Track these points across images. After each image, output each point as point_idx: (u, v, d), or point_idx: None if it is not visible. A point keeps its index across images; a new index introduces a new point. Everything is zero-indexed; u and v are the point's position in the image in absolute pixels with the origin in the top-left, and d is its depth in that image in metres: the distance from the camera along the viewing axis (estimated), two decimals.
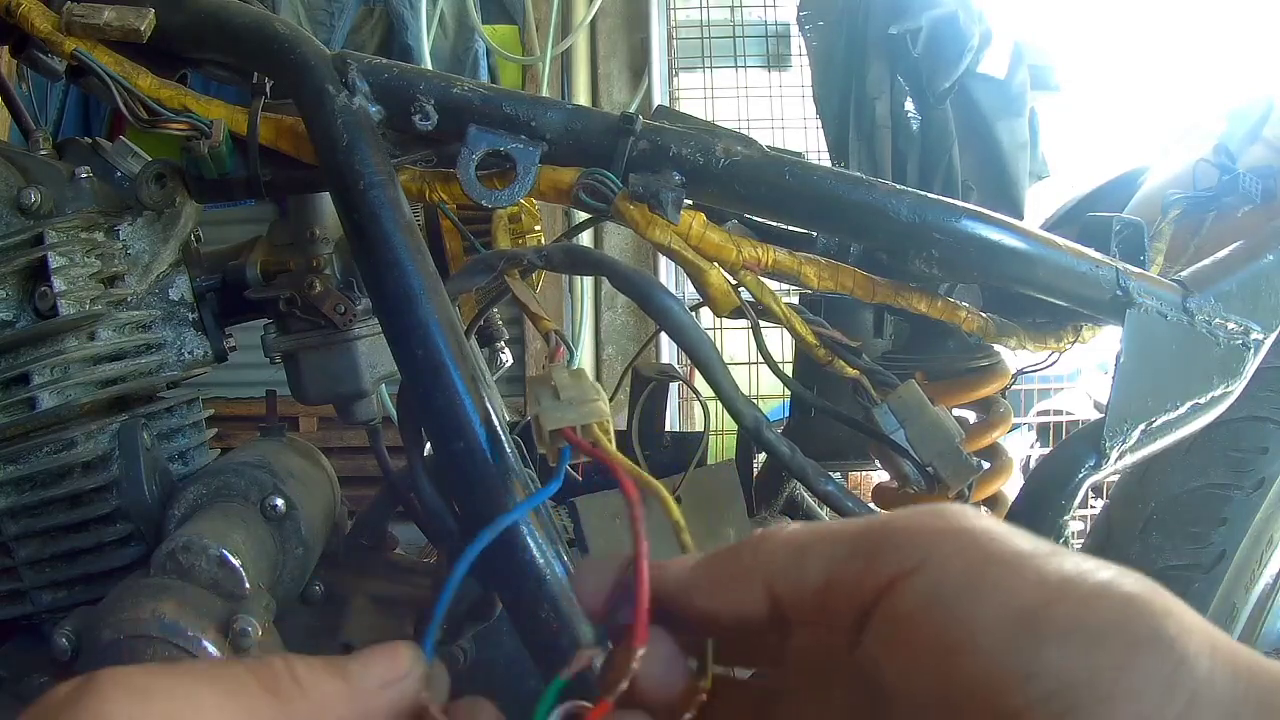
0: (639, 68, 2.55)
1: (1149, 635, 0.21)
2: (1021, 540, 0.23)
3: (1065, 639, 0.21)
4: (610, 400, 0.32)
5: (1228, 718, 0.20)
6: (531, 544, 0.54)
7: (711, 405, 0.78)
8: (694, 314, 0.71)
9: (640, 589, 0.28)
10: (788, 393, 0.95)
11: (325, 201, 0.83)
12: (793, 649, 0.30)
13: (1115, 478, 1.01)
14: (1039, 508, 0.71)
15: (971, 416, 0.89)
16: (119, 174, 0.78)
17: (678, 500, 0.80)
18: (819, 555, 0.25)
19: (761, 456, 1.08)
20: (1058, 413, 2.58)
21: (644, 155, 0.67)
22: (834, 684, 0.29)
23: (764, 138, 0.72)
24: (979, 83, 1.05)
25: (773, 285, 0.72)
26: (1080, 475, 0.70)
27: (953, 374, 0.87)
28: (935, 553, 0.23)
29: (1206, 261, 0.78)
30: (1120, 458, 0.71)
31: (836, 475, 0.72)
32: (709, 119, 0.90)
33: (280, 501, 0.73)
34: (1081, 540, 1.09)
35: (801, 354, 0.91)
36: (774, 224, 0.78)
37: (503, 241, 0.84)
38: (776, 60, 2.53)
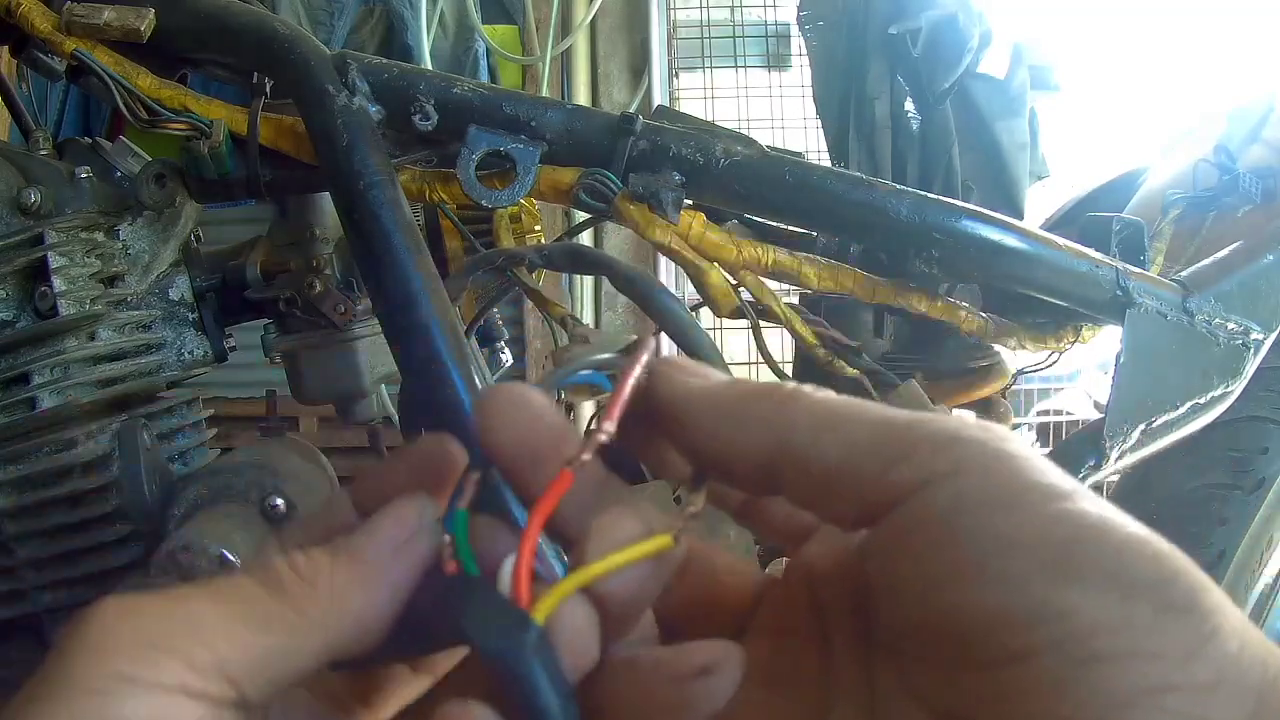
0: (639, 68, 2.55)
1: (1184, 603, 0.19)
2: (1056, 473, 0.21)
3: (1098, 584, 0.19)
4: None
5: (1249, 704, 0.19)
6: None
7: None
8: (694, 314, 0.71)
9: (626, 377, 0.25)
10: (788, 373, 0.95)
11: (325, 201, 0.83)
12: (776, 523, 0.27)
13: (1115, 478, 1.01)
14: None
15: (972, 416, 0.89)
16: (119, 174, 0.78)
17: (677, 500, 0.81)
18: (841, 435, 0.22)
19: None
20: (1058, 413, 2.58)
21: (644, 155, 0.67)
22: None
23: (764, 138, 0.72)
24: (979, 83, 1.05)
25: (773, 285, 0.72)
26: (1080, 475, 0.70)
27: (953, 374, 0.87)
28: (968, 464, 0.21)
29: (1206, 261, 0.78)
30: (1120, 458, 0.71)
31: None
32: (709, 119, 0.90)
33: (280, 501, 0.73)
34: None
35: (801, 354, 0.91)
36: (774, 224, 0.78)
37: (506, 242, 0.84)
38: (776, 60, 2.53)
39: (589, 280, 2.48)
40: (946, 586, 0.20)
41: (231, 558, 0.65)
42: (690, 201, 0.69)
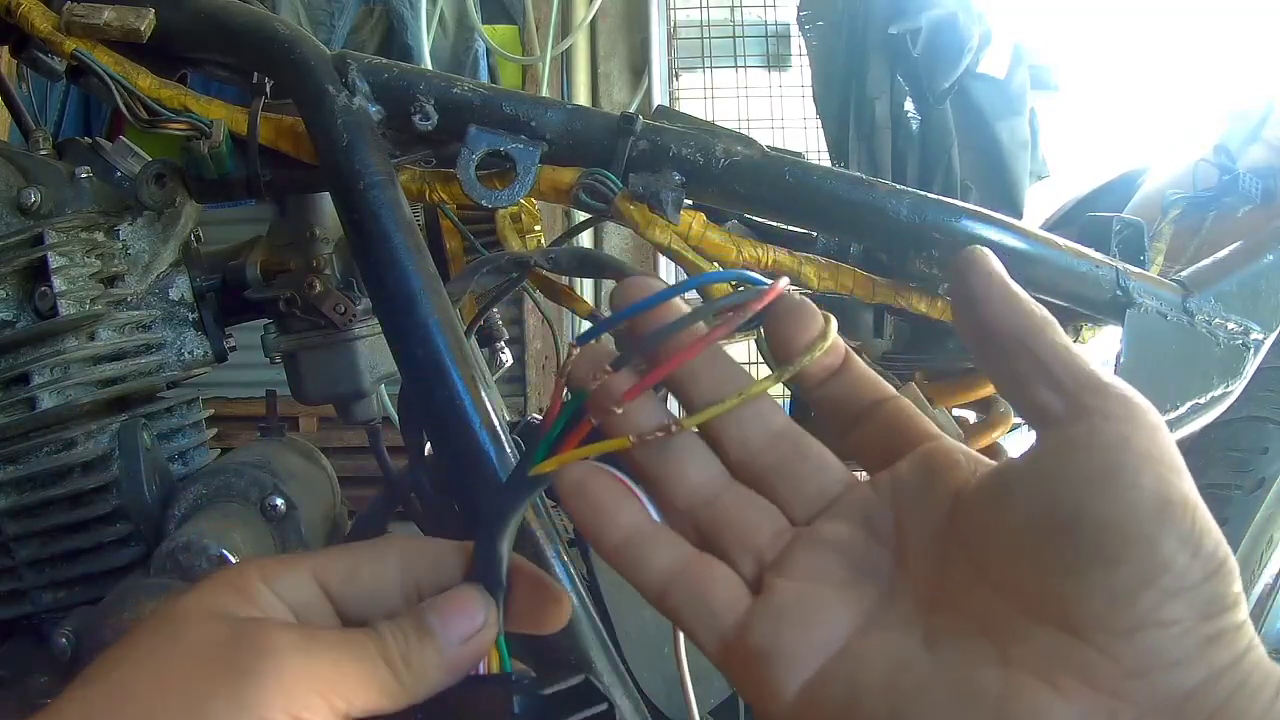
0: (639, 68, 2.54)
1: (1228, 577, 0.25)
2: (1178, 454, 0.27)
3: (1183, 540, 0.25)
4: None
5: (1226, 670, 0.24)
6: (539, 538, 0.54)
7: None
8: None
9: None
10: (788, 393, 0.95)
11: (325, 201, 0.83)
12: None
13: None
14: None
15: (971, 416, 0.89)
16: (119, 174, 0.78)
17: None
18: (1075, 355, 0.29)
19: None
20: None
21: (644, 155, 0.67)
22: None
23: (764, 138, 0.72)
24: (979, 83, 1.05)
25: None
26: None
27: (953, 374, 0.87)
28: (1139, 421, 0.27)
29: (1206, 261, 0.78)
30: None
31: None
32: (709, 119, 0.90)
33: (280, 501, 0.73)
34: None
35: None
36: (774, 224, 0.78)
37: (513, 241, 0.84)
38: (776, 60, 2.53)
39: (589, 280, 2.48)
40: (1089, 490, 0.26)
41: (232, 558, 0.65)
42: (690, 201, 0.69)
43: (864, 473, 0.34)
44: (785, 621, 0.30)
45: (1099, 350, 0.80)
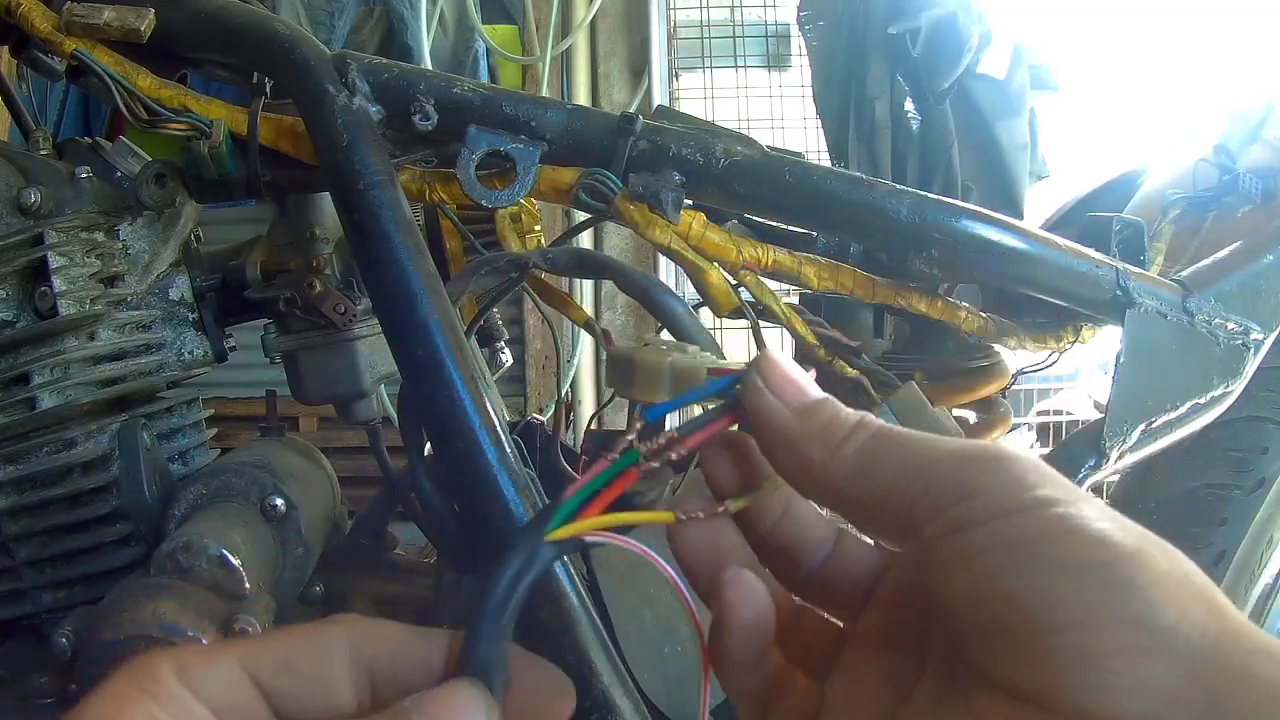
0: (639, 68, 2.55)
1: (1122, 580, 0.23)
2: (1054, 483, 0.26)
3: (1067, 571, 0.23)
4: (610, 401, 0.33)
5: (1184, 666, 0.22)
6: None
7: None
8: (695, 313, 0.71)
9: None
10: None
11: (325, 201, 0.83)
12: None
13: (1115, 478, 1.01)
14: None
15: (972, 416, 0.89)
16: (119, 174, 0.78)
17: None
18: (882, 474, 0.28)
19: None
20: (1058, 413, 2.58)
21: (644, 155, 0.67)
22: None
23: (764, 138, 0.72)
24: (979, 83, 1.05)
25: (773, 285, 0.72)
26: (1080, 475, 0.70)
27: (953, 374, 0.87)
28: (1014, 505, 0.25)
29: (1206, 261, 0.78)
30: (1120, 458, 0.71)
31: None
32: (709, 119, 0.90)
33: (280, 501, 0.73)
34: None
35: (801, 354, 0.91)
36: (774, 224, 0.78)
37: (512, 241, 0.84)
38: (776, 60, 2.53)
39: (589, 279, 2.48)
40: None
41: (232, 558, 0.65)
42: (690, 201, 0.69)
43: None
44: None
45: (1099, 350, 0.80)
